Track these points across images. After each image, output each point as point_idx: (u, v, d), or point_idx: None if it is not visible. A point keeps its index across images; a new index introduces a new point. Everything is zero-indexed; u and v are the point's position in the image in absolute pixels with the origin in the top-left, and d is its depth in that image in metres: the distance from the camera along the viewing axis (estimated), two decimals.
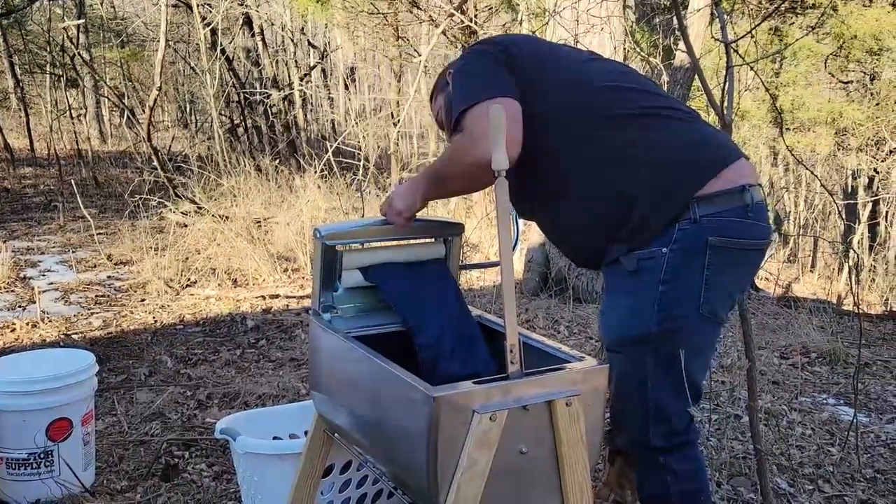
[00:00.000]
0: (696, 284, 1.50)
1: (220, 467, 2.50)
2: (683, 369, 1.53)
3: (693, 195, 1.49)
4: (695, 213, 1.48)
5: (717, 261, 1.49)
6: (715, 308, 1.53)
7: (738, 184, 1.52)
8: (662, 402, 1.56)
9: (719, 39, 2.20)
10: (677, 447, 1.59)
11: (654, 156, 1.54)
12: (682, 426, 1.59)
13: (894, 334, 5.34)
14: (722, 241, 1.49)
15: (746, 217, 1.52)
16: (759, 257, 1.62)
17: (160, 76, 6.49)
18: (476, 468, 1.29)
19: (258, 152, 10.80)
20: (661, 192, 1.51)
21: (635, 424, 1.60)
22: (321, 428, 1.76)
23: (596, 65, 1.67)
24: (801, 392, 3.53)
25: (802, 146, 8.68)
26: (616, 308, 1.60)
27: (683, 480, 1.60)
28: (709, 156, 1.55)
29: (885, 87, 8.61)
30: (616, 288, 1.61)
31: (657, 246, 1.50)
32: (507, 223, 1.36)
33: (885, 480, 2.58)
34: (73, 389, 2.24)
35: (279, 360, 3.69)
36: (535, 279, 5.44)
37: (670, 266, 1.49)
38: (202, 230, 5.93)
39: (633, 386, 1.57)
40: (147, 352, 3.74)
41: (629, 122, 1.56)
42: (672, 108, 1.61)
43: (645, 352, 1.54)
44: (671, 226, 1.50)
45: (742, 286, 1.61)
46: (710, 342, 1.61)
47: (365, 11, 9.58)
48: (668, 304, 1.50)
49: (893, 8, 8.08)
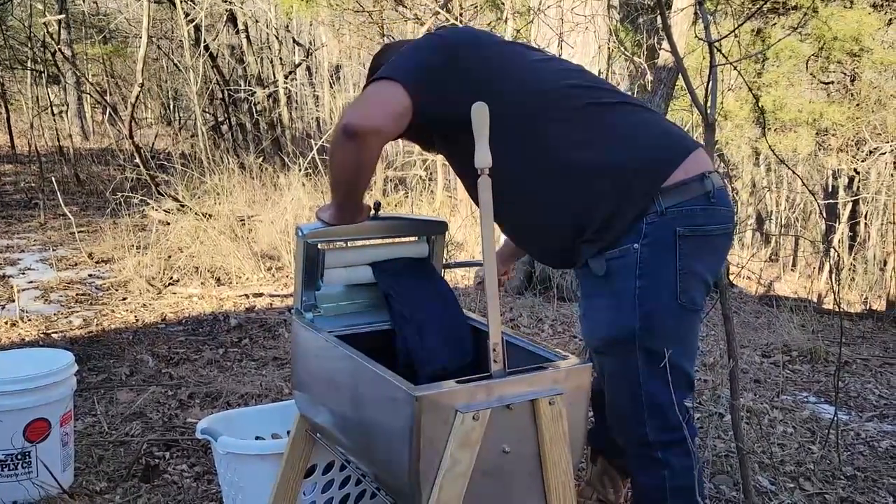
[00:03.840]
0: (670, 275, 1.52)
1: (201, 468, 2.48)
2: (671, 360, 1.53)
3: (658, 188, 1.51)
4: (660, 206, 1.51)
5: (687, 250, 1.52)
6: (692, 296, 1.55)
7: (697, 172, 1.54)
8: (655, 396, 1.57)
9: (703, 39, 2.21)
10: (675, 442, 1.60)
11: (616, 154, 1.54)
12: (678, 420, 1.59)
13: (874, 333, 5.40)
14: (689, 229, 1.52)
15: (709, 204, 1.54)
16: (727, 241, 1.65)
17: (142, 73, 6.43)
18: (458, 468, 1.28)
19: (242, 150, 10.73)
20: (624, 189, 1.51)
21: (632, 422, 1.61)
22: (303, 428, 1.75)
23: (551, 64, 1.67)
24: (782, 390, 3.56)
25: (784, 146, 8.75)
26: (596, 310, 1.61)
27: (679, 476, 1.61)
28: (669, 149, 1.57)
29: (864, 88, 8.70)
30: (592, 290, 1.61)
31: (627, 243, 1.52)
32: (490, 222, 1.36)
33: (864, 478, 2.60)
34: (51, 389, 2.21)
35: (262, 359, 3.67)
36: (519, 278, 5.45)
37: (643, 261, 1.51)
38: (185, 228, 5.88)
39: (625, 384, 1.57)
40: (128, 351, 3.70)
41: (587, 119, 1.56)
42: (628, 103, 1.63)
43: (631, 349, 1.55)
44: (638, 221, 1.51)
45: (714, 271, 1.63)
46: (693, 330, 1.63)
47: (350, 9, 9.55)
48: (646, 298, 1.52)
49: (873, 10, 8.17)
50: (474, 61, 1.56)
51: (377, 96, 1.50)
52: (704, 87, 2.22)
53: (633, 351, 1.55)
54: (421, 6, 8.30)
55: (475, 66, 1.56)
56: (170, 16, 11.87)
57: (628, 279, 1.52)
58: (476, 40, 1.63)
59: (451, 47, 1.57)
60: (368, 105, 1.50)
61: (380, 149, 1.53)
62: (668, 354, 1.53)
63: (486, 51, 1.60)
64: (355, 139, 1.45)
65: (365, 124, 1.45)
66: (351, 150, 1.48)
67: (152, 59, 12.26)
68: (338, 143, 1.49)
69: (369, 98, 1.51)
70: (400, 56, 1.57)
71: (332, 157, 1.54)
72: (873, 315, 6.82)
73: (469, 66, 1.55)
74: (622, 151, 1.54)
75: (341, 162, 1.53)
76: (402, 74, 1.50)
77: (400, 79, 1.49)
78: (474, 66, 1.56)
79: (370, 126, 1.46)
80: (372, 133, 1.47)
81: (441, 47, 1.57)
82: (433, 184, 9.18)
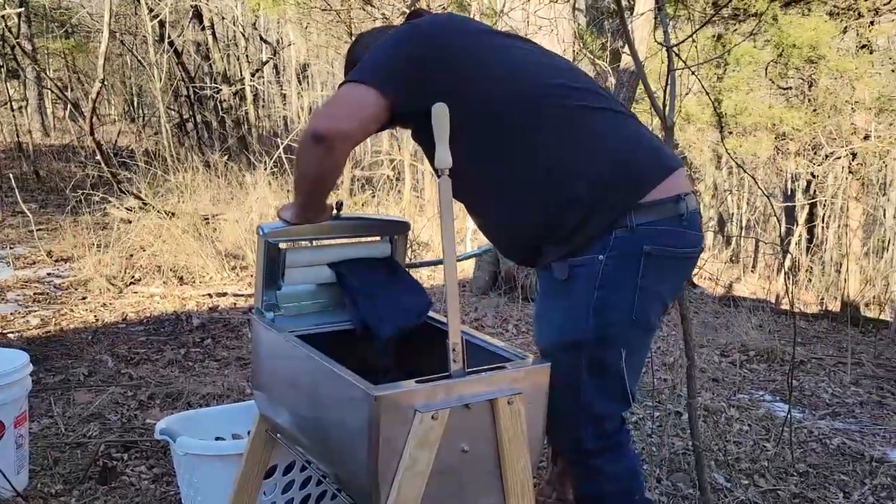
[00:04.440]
0: (630, 291, 1.51)
1: (160, 469, 2.45)
2: (615, 374, 1.54)
3: (634, 203, 1.49)
4: (631, 222, 1.49)
5: (651, 268, 1.51)
6: (648, 314, 1.55)
7: (673, 193, 1.53)
8: (595, 406, 1.57)
9: (662, 43, 2.25)
10: (608, 448, 1.60)
11: (598, 161, 1.51)
12: (613, 428, 1.61)
13: (829, 333, 5.54)
14: (657, 249, 1.50)
15: (680, 226, 1.53)
16: (691, 264, 1.64)
17: (103, 68, 6.33)
18: (417, 467, 1.29)
19: (207, 148, 10.61)
20: (600, 197, 1.49)
21: (569, 427, 1.60)
22: (263, 428, 1.74)
23: (539, 58, 1.61)
24: (739, 389, 3.63)
25: (744, 150, 8.92)
26: (551, 313, 1.59)
27: (615, 481, 1.62)
28: (651, 166, 1.54)
29: (821, 93, 8.92)
30: (550, 293, 1.59)
31: (593, 253, 1.50)
32: (450, 223, 1.37)
33: (816, 475, 2.67)
34: (4, 390, 2.17)
35: (225, 359, 3.64)
36: (484, 278, 5.48)
37: (606, 273, 1.49)
38: (147, 227, 5.80)
39: (566, 390, 1.56)
40: (87, 351, 3.64)
41: (572, 121, 1.52)
42: (617, 111, 1.60)
43: (578, 356, 1.54)
44: (607, 233, 1.49)
45: (673, 292, 1.63)
46: (642, 347, 1.63)
47: (317, 7, 9.49)
48: (603, 310, 1.51)
49: (830, 18, 8.38)
50: (455, 55, 1.52)
51: (348, 101, 1.48)
52: (663, 91, 2.26)
53: (580, 359, 1.54)
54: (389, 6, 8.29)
55: (456, 60, 1.52)
56: (133, 11, 11.68)
57: (588, 288, 1.50)
58: (458, 31, 1.58)
59: (430, 41, 1.53)
60: (338, 110, 1.48)
61: (348, 153, 1.52)
62: (612, 367, 1.53)
63: (469, 42, 1.56)
64: (323, 144, 1.44)
65: (333, 130, 1.44)
66: (318, 154, 1.47)
67: (115, 55, 12.05)
68: (305, 146, 1.48)
69: (340, 102, 1.49)
70: (376, 52, 1.54)
71: (299, 159, 1.53)
72: (828, 316, 7.00)
73: (450, 60, 1.51)
74: (605, 159, 1.51)
75: (307, 165, 1.52)
76: (377, 76, 1.47)
77: (373, 81, 1.46)
78: (456, 60, 1.51)
79: (338, 132, 1.45)
80: (340, 139, 1.46)
81: (420, 42, 1.53)
82: (400, 184, 9.18)
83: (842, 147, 8.84)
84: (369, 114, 1.47)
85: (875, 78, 8.60)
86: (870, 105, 8.67)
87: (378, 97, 1.46)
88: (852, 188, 9.38)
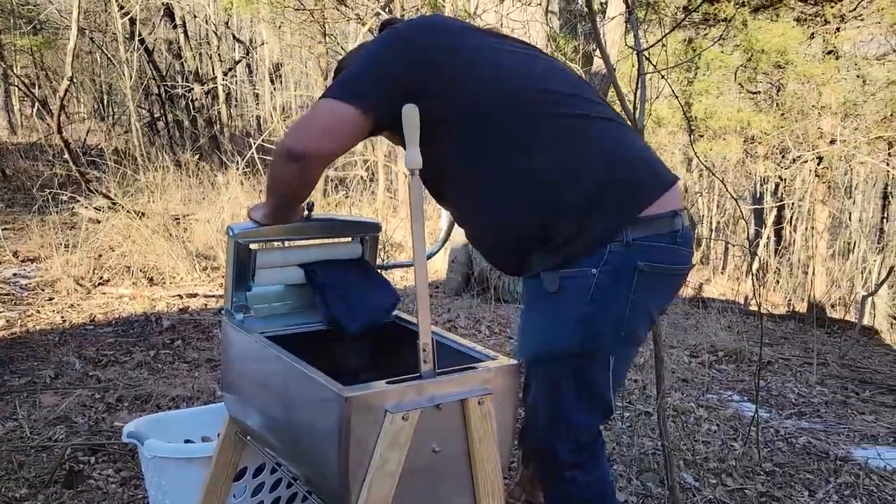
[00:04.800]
0: (621, 307, 1.48)
1: (128, 473, 2.42)
2: (596, 388, 1.53)
3: (632, 217, 1.46)
4: (626, 237, 1.45)
5: (643, 284, 1.48)
6: (636, 330, 1.53)
7: (669, 209, 1.50)
8: (573, 418, 1.56)
9: (633, 47, 2.27)
10: (584, 461, 1.59)
11: (597, 168, 1.47)
12: (589, 440, 1.59)
13: (796, 333, 5.63)
14: (650, 265, 1.48)
15: (674, 243, 1.51)
16: (681, 281, 1.62)
17: (72, 66, 6.23)
18: (388, 468, 1.29)
19: (179, 147, 10.49)
20: (598, 205, 1.45)
21: (544, 437, 1.59)
22: (233, 430, 1.73)
23: (531, 62, 1.56)
24: (708, 389, 3.68)
25: (714, 153, 9.06)
26: (537, 324, 1.56)
27: (586, 489, 1.61)
28: (650, 180, 1.51)
29: (789, 98, 9.08)
30: (538, 304, 1.55)
31: (586, 265, 1.46)
32: (421, 223, 1.37)
33: (782, 473, 2.72)
34: None
35: (195, 360, 3.60)
36: (457, 279, 5.48)
37: (598, 287, 1.46)
38: (116, 227, 5.72)
39: (547, 402, 1.55)
40: (54, 353, 3.58)
41: (572, 126, 1.49)
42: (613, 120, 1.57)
43: (561, 368, 1.52)
44: (601, 246, 1.46)
45: (661, 307, 1.62)
46: (626, 361, 1.61)
47: (291, 7, 9.43)
48: (591, 324, 1.48)
49: (797, 23, 8.53)
50: (440, 56, 1.49)
51: (324, 119, 1.45)
52: (634, 94, 2.28)
53: (562, 370, 1.53)
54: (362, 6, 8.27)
55: (441, 60, 1.48)
56: (103, 8, 11.51)
57: (578, 302, 1.47)
58: (442, 31, 1.55)
59: (415, 48, 1.49)
60: (313, 129, 1.45)
61: (322, 171, 1.51)
62: (595, 380, 1.52)
63: (454, 42, 1.52)
64: (298, 162, 1.43)
65: (311, 150, 1.43)
66: (291, 171, 1.46)
67: (84, 52, 11.86)
68: (279, 161, 1.46)
69: (315, 121, 1.46)
70: (357, 63, 1.51)
71: (272, 170, 1.51)
72: (795, 316, 7.13)
73: (435, 61, 1.48)
74: (603, 165, 1.48)
75: (280, 178, 1.50)
76: (357, 90, 1.45)
77: (352, 97, 1.44)
78: (441, 60, 1.48)
79: (315, 151, 1.43)
80: (316, 159, 1.45)
81: (403, 46, 1.50)
82: (374, 184, 9.15)
83: (809, 151, 9.00)
84: (346, 132, 1.45)
85: (841, 83, 8.78)
86: (836, 110, 8.85)
87: (356, 113, 1.43)
88: (819, 191, 9.55)
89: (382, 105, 1.45)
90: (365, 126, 1.46)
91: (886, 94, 8.49)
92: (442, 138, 1.44)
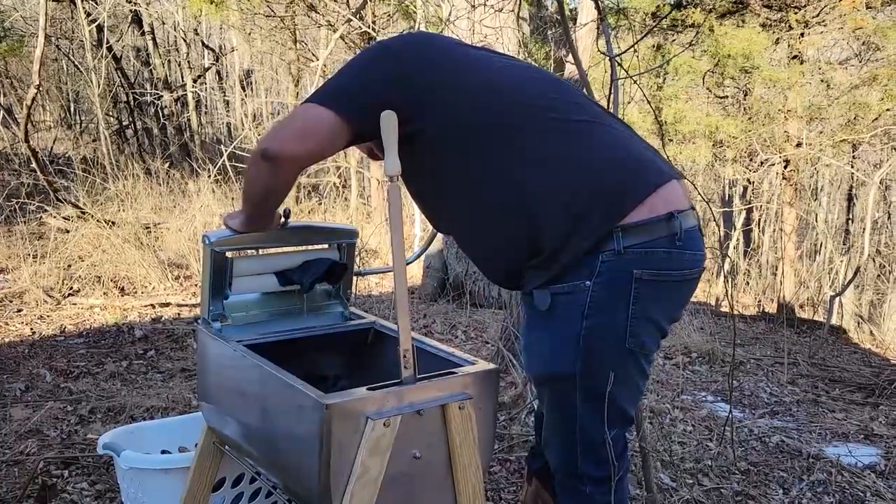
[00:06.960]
0: (621, 319, 1.41)
1: (102, 485, 2.38)
2: (611, 399, 1.48)
3: (616, 223, 1.39)
4: (619, 244, 1.38)
5: (643, 293, 1.41)
6: (642, 340, 1.45)
7: (664, 211, 1.41)
8: (590, 433, 1.51)
9: (605, 53, 2.30)
10: (604, 479, 1.54)
11: (574, 175, 1.42)
12: (615, 454, 1.54)
13: (766, 334, 5.72)
14: (648, 273, 1.41)
15: (674, 247, 1.42)
16: (691, 286, 1.53)
17: (39, 74, 6.13)
18: (369, 475, 1.29)
19: (148, 155, 10.37)
20: (579, 215, 1.39)
21: (565, 452, 1.56)
22: (211, 440, 1.72)
23: (515, 71, 1.54)
24: (682, 390, 3.72)
25: (684, 157, 9.18)
26: (537, 344, 1.51)
27: None
28: (632, 180, 1.43)
29: (756, 102, 9.25)
30: (534, 322, 1.50)
31: (578, 279, 1.40)
32: (399, 230, 1.37)
33: (757, 472, 2.76)
34: None
35: (169, 370, 3.56)
36: (432, 284, 5.49)
37: (594, 300, 1.40)
38: (86, 236, 5.63)
39: (561, 418, 1.53)
40: (23, 365, 3.51)
41: (554, 136, 1.45)
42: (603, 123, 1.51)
43: (570, 387, 1.47)
44: (593, 256, 1.39)
45: (671, 316, 1.51)
46: (640, 373, 1.52)
47: (261, 14, 9.40)
48: (591, 340, 1.42)
49: (763, 29, 8.70)
50: (426, 69, 1.47)
51: (301, 122, 1.44)
52: (607, 100, 2.31)
53: (572, 388, 1.47)
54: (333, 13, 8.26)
55: (427, 73, 1.47)
56: (70, 15, 11.35)
57: (574, 318, 1.41)
58: (428, 46, 1.54)
59: (397, 61, 1.48)
60: (290, 131, 1.44)
61: (297, 174, 1.50)
62: (607, 394, 1.47)
63: (440, 56, 1.51)
64: (271, 164, 1.42)
65: (285, 151, 1.41)
66: (265, 173, 1.45)
67: (51, 60, 11.68)
68: (255, 162, 1.45)
69: (294, 124, 1.45)
70: (342, 73, 1.51)
71: (247, 174, 1.51)
72: (766, 317, 7.24)
73: (421, 74, 1.46)
74: (582, 176, 1.42)
75: (255, 181, 1.49)
76: (339, 98, 1.44)
77: (333, 104, 1.43)
78: (426, 73, 1.47)
79: (290, 153, 1.42)
80: (290, 160, 1.43)
81: (386, 61, 1.48)
82: (347, 191, 9.13)
83: (776, 154, 9.17)
84: (323, 137, 1.43)
85: (806, 87, 8.96)
86: (801, 114, 9.03)
87: (336, 120, 1.42)
88: (786, 194, 9.73)
89: (366, 116, 1.42)
90: (342, 132, 1.44)
91: (849, 98, 8.67)
92: (429, 150, 1.44)
